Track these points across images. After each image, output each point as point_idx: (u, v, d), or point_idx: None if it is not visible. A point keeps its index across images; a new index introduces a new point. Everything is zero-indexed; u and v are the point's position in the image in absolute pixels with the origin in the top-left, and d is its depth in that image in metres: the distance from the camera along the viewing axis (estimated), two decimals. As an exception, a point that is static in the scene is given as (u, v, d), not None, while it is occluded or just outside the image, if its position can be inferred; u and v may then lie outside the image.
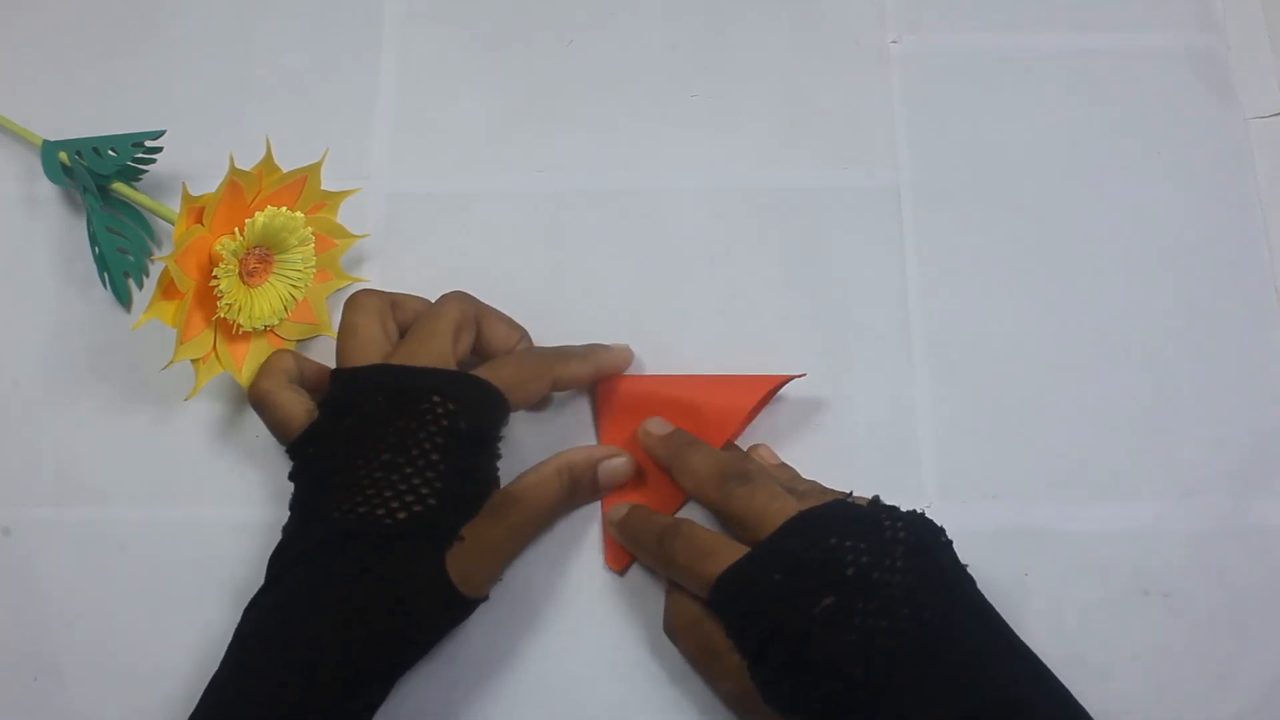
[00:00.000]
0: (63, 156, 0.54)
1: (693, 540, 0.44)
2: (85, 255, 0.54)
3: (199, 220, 0.48)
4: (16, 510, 0.51)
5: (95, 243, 0.52)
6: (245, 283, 0.49)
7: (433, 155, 0.56)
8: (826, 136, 0.56)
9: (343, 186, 0.53)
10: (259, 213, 0.48)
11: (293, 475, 0.45)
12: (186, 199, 0.47)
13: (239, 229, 0.48)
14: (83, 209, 0.54)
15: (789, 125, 0.56)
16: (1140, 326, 0.52)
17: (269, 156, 0.48)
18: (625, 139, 0.56)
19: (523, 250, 0.54)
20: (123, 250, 0.53)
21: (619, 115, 0.57)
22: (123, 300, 0.54)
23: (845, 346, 0.52)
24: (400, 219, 0.55)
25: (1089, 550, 0.49)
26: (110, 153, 0.53)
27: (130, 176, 0.54)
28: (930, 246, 0.54)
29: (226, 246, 0.47)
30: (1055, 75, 0.56)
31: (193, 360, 0.49)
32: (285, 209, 0.49)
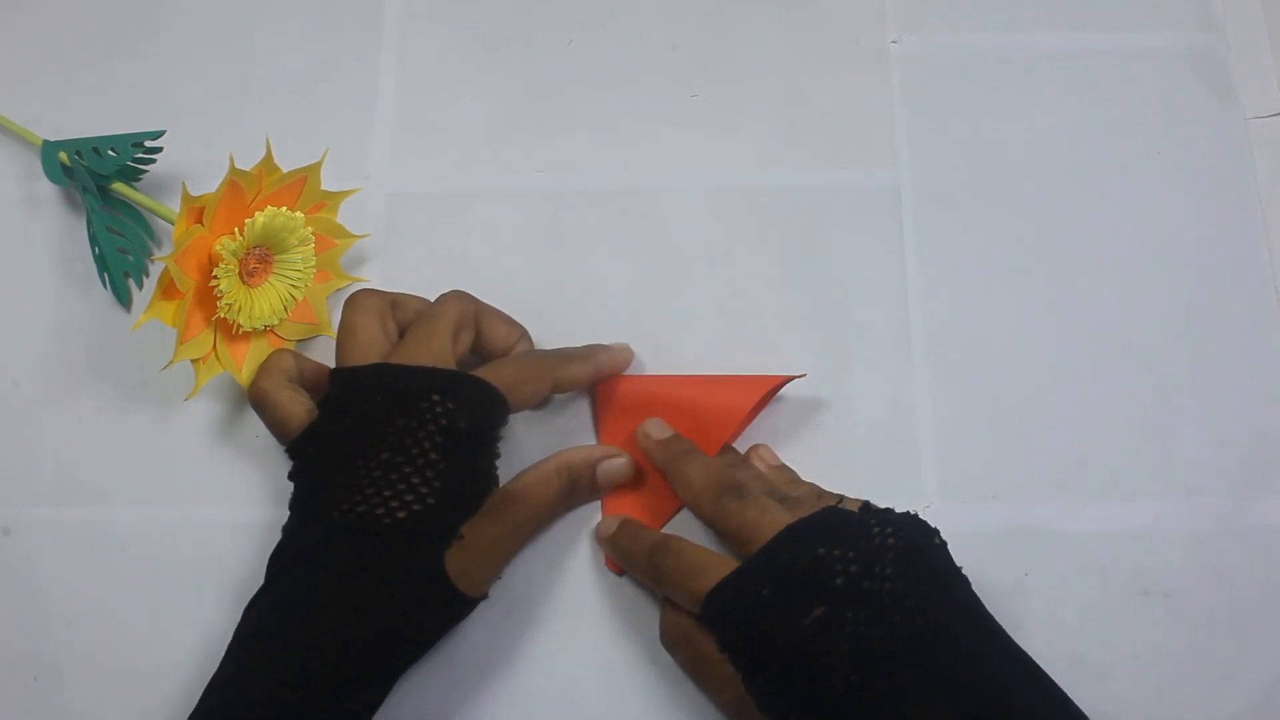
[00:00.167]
0: (63, 156, 0.54)
1: (682, 556, 0.44)
2: (85, 255, 0.54)
3: (199, 220, 0.48)
4: (16, 510, 0.51)
5: (95, 243, 0.52)
6: (245, 283, 0.49)
7: (433, 155, 0.56)
8: (826, 136, 0.56)
9: (343, 186, 0.53)
10: (259, 213, 0.48)
11: (292, 475, 0.45)
12: (186, 199, 0.47)
13: (239, 229, 0.48)
14: (83, 209, 0.54)
15: (789, 125, 0.56)
16: (1140, 326, 0.52)
17: (269, 156, 0.48)
18: (625, 139, 0.56)
19: (523, 250, 0.54)
20: (123, 250, 0.53)
21: (619, 115, 0.57)
22: (123, 300, 0.54)
23: (845, 346, 0.52)
24: (400, 219, 0.55)
25: (1089, 550, 0.49)
26: (110, 153, 0.53)
27: (130, 176, 0.54)
28: (930, 246, 0.54)
29: (226, 246, 0.47)
30: (1055, 75, 0.56)
31: (193, 360, 0.49)
32: (285, 209, 0.49)
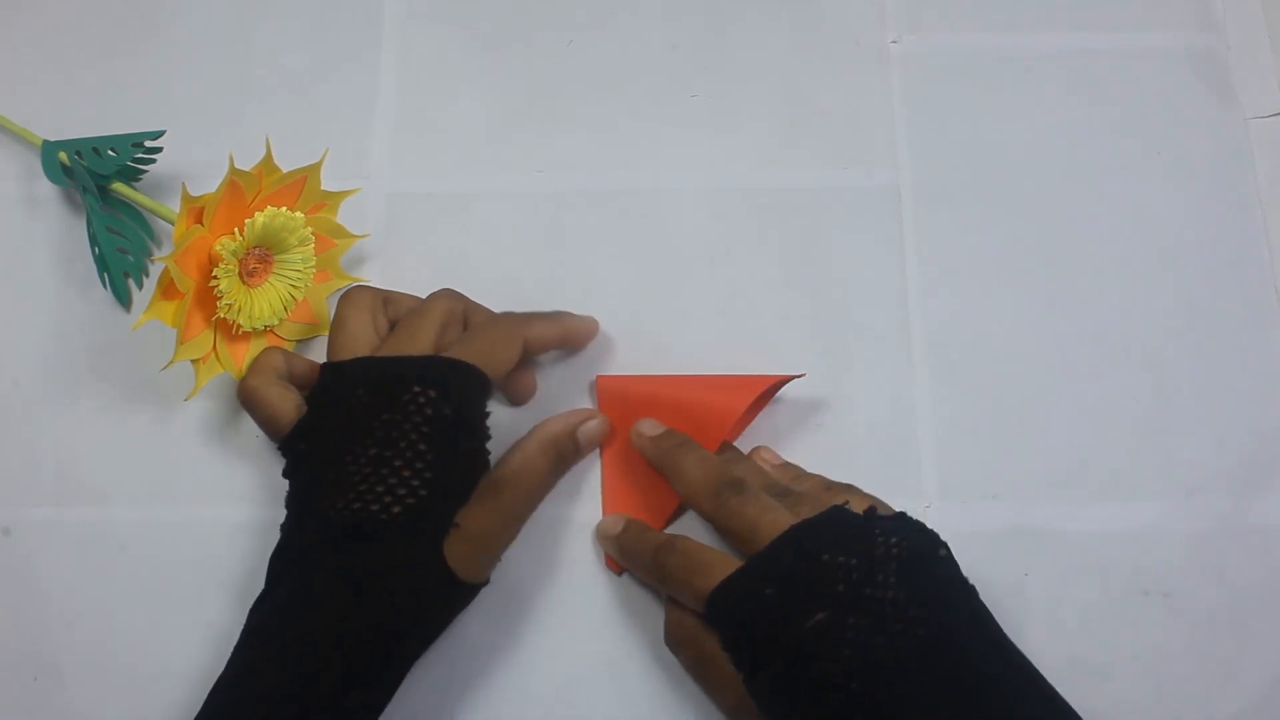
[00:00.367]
0: (63, 156, 0.54)
1: (687, 555, 0.44)
2: (85, 255, 0.54)
3: (199, 220, 0.48)
4: (16, 510, 0.51)
5: (95, 243, 0.52)
6: (245, 283, 0.49)
7: (433, 155, 0.56)
8: (826, 136, 0.56)
9: (343, 186, 0.53)
10: (259, 213, 0.48)
11: (286, 472, 0.45)
12: (186, 199, 0.47)
13: (239, 229, 0.48)
14: (83, 209, 0.54)
15: (789, 125, 0.56)
16: (1140, 326, 0.52)
17: (269, 156, 0.48)
18: (625, 139, 0.56)
19: (523, 250, 0.54)
20: (123, 250, 0.53)
21: (619, 115, 0.57)
22: (123, 300, 0.54)
23: (845, 346, 0.52)
24: (400, 219, 0.55)
25: (1089, 550, 0.49)
26: (110, 153, 0.53)
27: (130, 176, 0.54)
28: (930, 246, 0.54)
29: (226, 246, 0.47)
30: (1055, 75, 0.56)
31: (193, 360, 0.49)
32: (285, 209, 0.49)
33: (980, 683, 0.39)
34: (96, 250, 0.52)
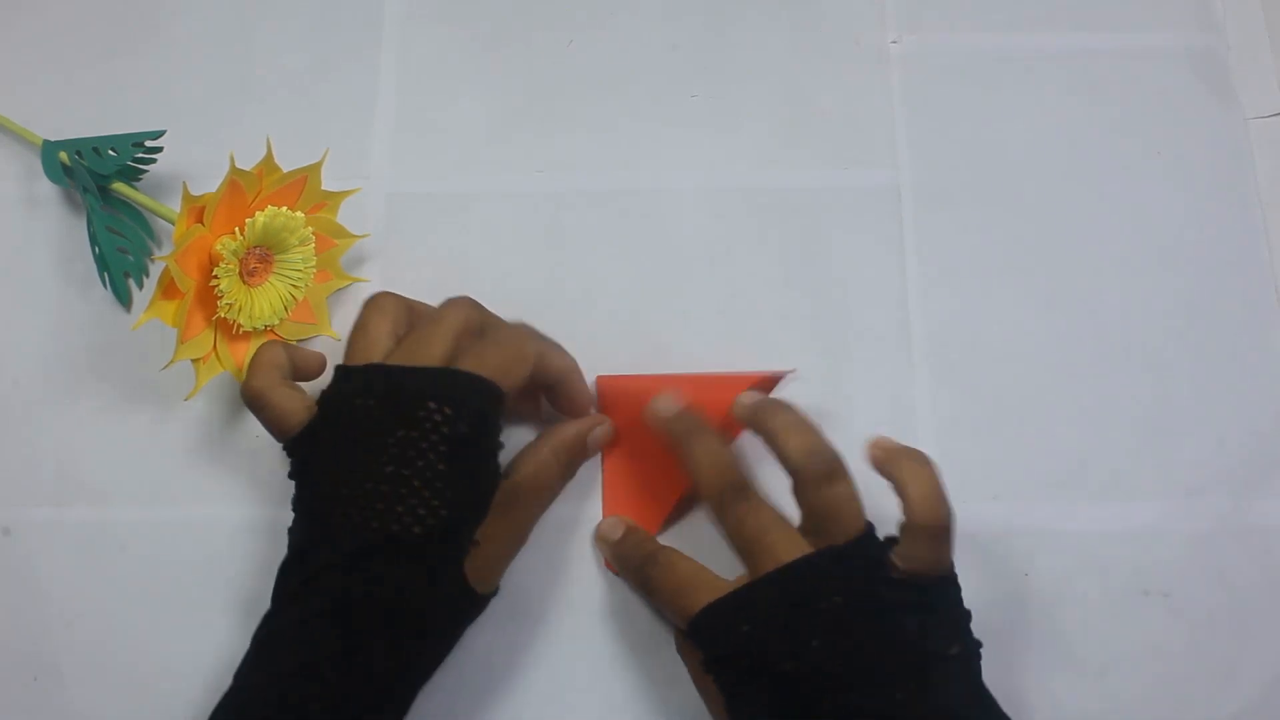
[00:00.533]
0: (63, 156, 0.54)
1: (672, 571, 0.45)
2: (85, 255, 0.54)
3: (199, 220, 0.48)
4: (16, 510, 0.51)
5: (95, 243, 0.52)
6: (245, 283, 0.49)
7: (433, 155, 0.56)
8: (826, 136, 0.56)
9: (343, 186, 0.53)
10: (259, 213, 0.48)
11: (293, 474, 0.45)
12: (187, 199, 0.47)
13: (239, 229, 0.48)
14: (83, 209, 0.54)
15: (789, 125, 0.56)
16: (1140, 326, 0.52)
17: (269, 156, 0.48)
18: (625, 139, 0.56)
19: (523, 250, 0.54)
20: (123, 250, 0.53)
21: (619, 115, 0.57)
22: (123, 300, 0.54)
23: (845, 346, 0.52)
24: (400, 219, 0.55)
25: (1089, 550, 0.49)
26: (110, 153, 0.53)
27: (130, 176, 0.54)
28: (930, 246, 0.54)
29: (227, 246, 0.47)
30: (1055, 75, 0.56)
31: (193, 360, 0.49)
32: (285, 209, 0.49)
33: None
34: (96, 250, 0.52)
